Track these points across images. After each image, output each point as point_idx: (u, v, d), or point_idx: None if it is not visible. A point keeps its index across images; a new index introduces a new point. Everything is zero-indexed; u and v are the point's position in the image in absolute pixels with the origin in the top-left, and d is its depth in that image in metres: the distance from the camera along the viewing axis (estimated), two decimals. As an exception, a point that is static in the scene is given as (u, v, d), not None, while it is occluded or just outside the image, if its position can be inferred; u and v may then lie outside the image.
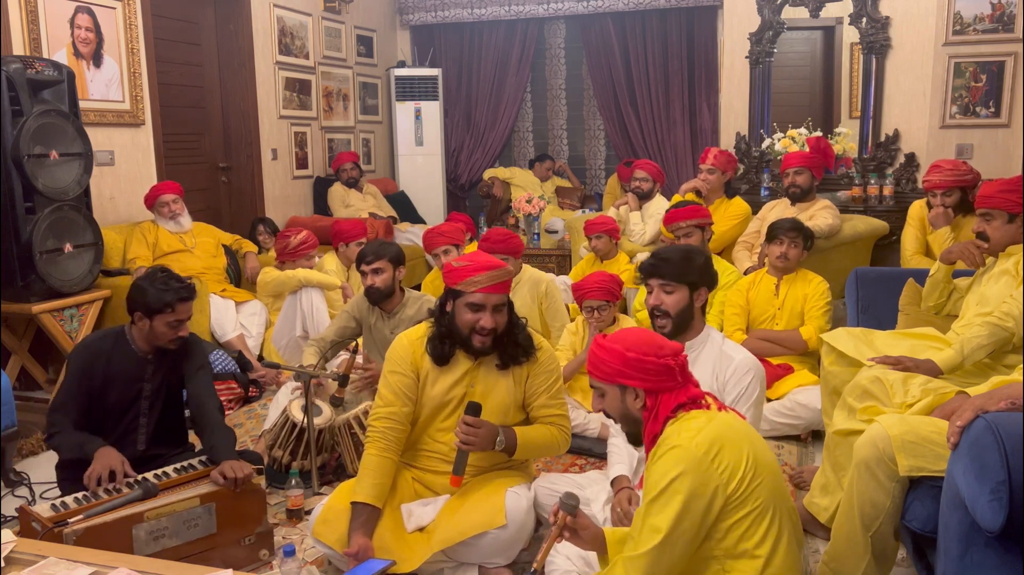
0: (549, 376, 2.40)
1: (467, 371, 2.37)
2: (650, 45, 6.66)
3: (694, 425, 1.66)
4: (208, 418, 2.57)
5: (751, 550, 1.64)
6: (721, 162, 4.72)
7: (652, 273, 2.41)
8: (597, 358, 1.77)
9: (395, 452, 2.37)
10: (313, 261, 4.41)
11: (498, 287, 2.28)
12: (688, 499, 1.59)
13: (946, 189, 3.69)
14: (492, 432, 2.27)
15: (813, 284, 3.60)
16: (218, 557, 2.32)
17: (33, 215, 3.53)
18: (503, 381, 2.37)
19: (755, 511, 1.63)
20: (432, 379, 2.39)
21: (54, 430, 2.51)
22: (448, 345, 2.35)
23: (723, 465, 1.62)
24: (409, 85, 7.03)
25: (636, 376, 1.72)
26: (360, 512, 2.25)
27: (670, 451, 1.64)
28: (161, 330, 2.55)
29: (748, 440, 1.68)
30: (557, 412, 2.41)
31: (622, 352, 1.72)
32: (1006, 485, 1.49)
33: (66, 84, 3.69)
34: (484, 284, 2.26)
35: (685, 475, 1.60)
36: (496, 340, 2.33)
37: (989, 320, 2.46)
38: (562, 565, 2.07)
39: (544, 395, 2.40)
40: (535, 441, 2.37)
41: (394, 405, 2.36)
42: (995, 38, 5.11)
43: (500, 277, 2.28)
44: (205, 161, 5.55)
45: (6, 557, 1.76)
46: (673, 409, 1.71)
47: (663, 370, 1.70)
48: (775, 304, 3.61)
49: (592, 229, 4.45)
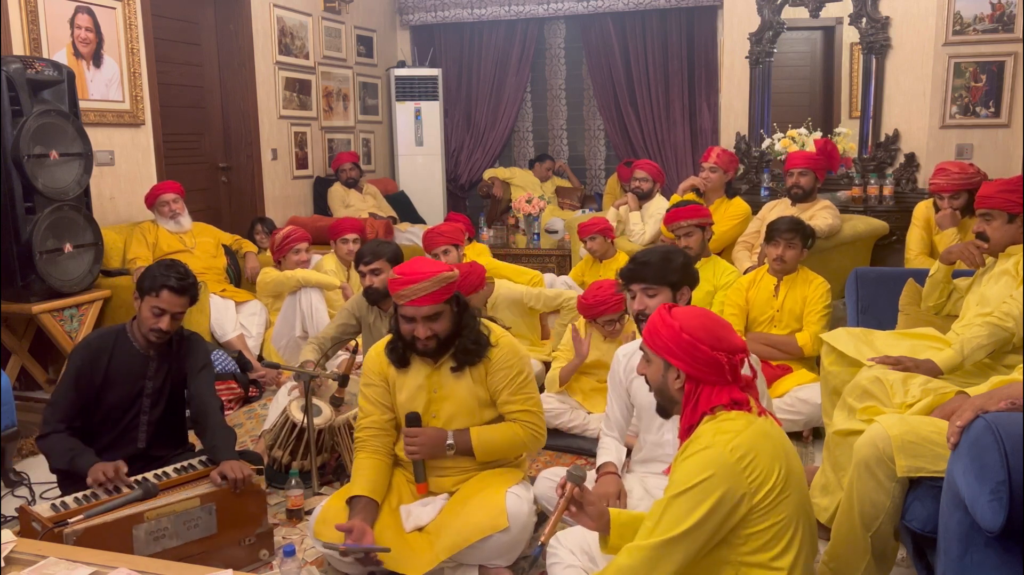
0: (509, 372, 2.37)
1: (428, 376, 2.39)
2: (650, 45, 6.66)
3: (731, 427, 1.62)
4: (209, 418, 2.57)
5: (768, 562, 1.61)
6: (723, 161, 4.72)
7: (633, 278, 2.39)
8: (654, 326, 1.74)
9: (385, 455, 2.41)
10: (303, 255, 4.40)
11: (425, 299, 2.25)
12: (714, 503, 1.56)
13: (953, 192, 3.68)
14: (437, 437, 2.31)
15: (813, 286, 3.56)
16: (218, 557, 2.32)
17: (33, 215, 3.53)
18: (463, 382, 2.38)
19: (779, 523, 1.60)
20: (399, 386, 2.42)
21: (46, 430, 2.50)
22: (402, 349, 2.38)
23: (754, 475, 1.58)
24: (409, 85, 7.03)
25: (684, 358, 1.67)
26: (356, 503, 2.28)
27: (703, 451, 1.60)
28: (145, 314, 2.54)
29: (783, 451, 1.64)
30: (521, 408, 2.39)
31: (678, 330, 1.68)
32: (1006, 485, 1.49)
33: (66, 84, 3.69)
34: (411, 297, 2.25)
35: (714, 479, 1.57)
36: (445, 344, 2.34)
37: (989, 320, 2.45)
38: (565, 558, 2.05)
39: (506, 391, 2.38)
40: (495, 442, 2.36)
41: (373, 414, 2.42)
42: (995, 38, 5.11)
43: (427, 289, 2.24)
44: (205, 161, 5.55)
45: (6, 557, 1.76)
46: (712, 407, 1.67)
47: (712, 362, 1.66)
48: (774, 305, 3.59)
49: (585, 231, 4.45)
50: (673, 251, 2.46)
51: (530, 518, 2.29)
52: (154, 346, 2.61)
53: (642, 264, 2.38)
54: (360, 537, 2.16)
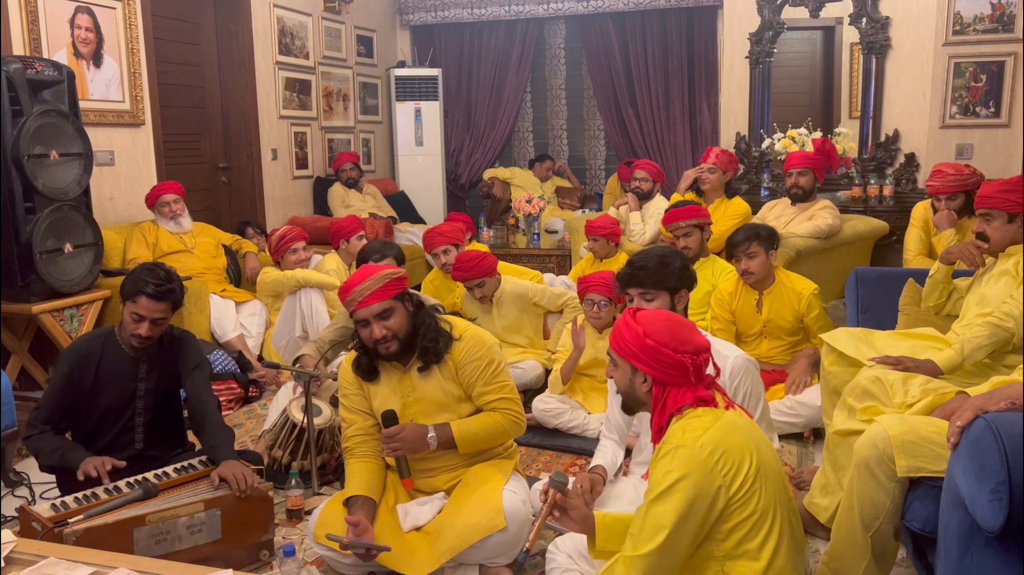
0: (479, 364, 2.36)
1: (399, 380, 2.40)
2: (650, 45, 6.66)
3: (699, 425, 1.65)
4: (207, 417, 2.56)
5: (752, 551, 1.64)
6: (723, 162, 4.72)
7: (630, 282, 2.37)
8: (619, 331, 1.76)
9: (375, 457, 2.42)
10: (301, 254, 4.39)
11: (372, 297, 2.26)
12: (691, 499, 1.59)
13: (950, 194, 3.68)
14: (416, 432, 2.30)
15: (801, 298, 3.37)
16: (218, 557, 2.32)
17: (33, 215, 3.53)
18: (433, 381, 2.38)
19: (757, 513, 1.63)
20: (374, 393, 2.42)
21: (32, 431, 2.50)
22: (367, 359, 2.39)
23: (727, 466, 1.61)
24: (409, 85, 7.03)
25: (649, 363, 1.70)
26: (354, 501, 2.30)
27: (675, 451, 1.63)
28: (126, 319, 2.52)
29: (753, 441, 1.68)
30: (498, 396, 2.38)
31: (641, 336, 1.70)
32: (1006, 485, 1.49)
33: (66, 84, 3.69)
34: (358, 300, 2.27)
35: (689, 476, 1.60)
36: (407, 345, 2.34)
37: (989, 320, 2.45)
38: (563, 563, 2.06)
39: (479, 383, 2.37)
40: (475, 432, 2.36)
41: (356, 422, 2.43)
42: (995, 38, 5.11)
43: (370, 288, 2.27)
44: (205, 161, 5.55)
45: (6, 557, 1.76)
46: (679, 407, 1.70)
47: (676, 365, 1.68)
48: (760, 320, 3.49)
49: (591, 231, 4.43)
50: (670, 254, 2.42)
51: (527, 515, 2.29)
52: (141, 349, 2.59)
53: (639, 268, 2.36)
54: (362, 533, 2.17)
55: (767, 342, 3.52)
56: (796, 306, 3.41)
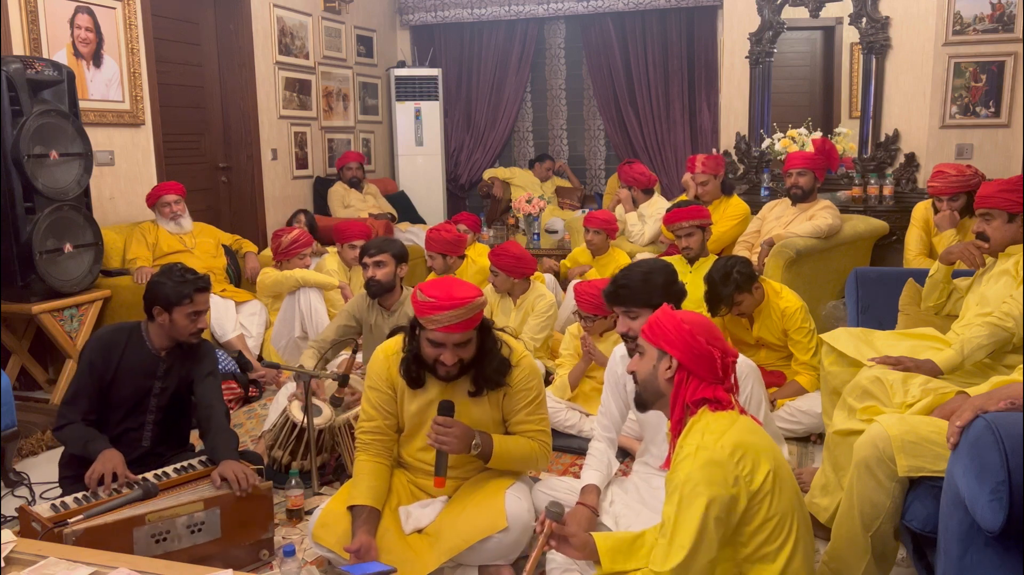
0: (528, 394, 2.33)
1: (441, 392, 2.33)
2: (650, 45, 6.66)
3: (717, 427, 1.68)
4: (213, 422, 2.57)
5: (770, 555, 1.67)
6: (710, 167, 4.68)
7: (613, 301, 2.37)
8: (656, 319, 1.82)
9: (386, 458, 2.39)
10: (307, 260, 4.40)
11: (459, 326, 2.16)
12: (714, 499, 1.61)
13: (952, 195, 3.68)
14: (467, 433, 2.24)
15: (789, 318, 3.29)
16: (218, 556, 2.32)
17: (33, 215, 3.53)
18: (479, 405, 2.33)
19: (777, 515, 1.66)
20: (408, 397, 2.37)
21: (63, 422, 2.52)
22: (417, 369, 2.31)
23: (747, 466, 1.64)
24: (409, 85, 7.03)
25: (680, 347, 1.75)
26: (360, 512, 2.25)
27: (695, 453, 1.66)
28: (182, 322, 2.56)
29: (769, 445, 1.72)
30: (536, 427, 2.36)
31: (679, 322, 1.77)
32: (1006, 485, 1.49)
33: (66, 84, 3.70)
34: (444, 324, 2.15)
35: (712, 476, 1.62)
36: (466, 368, 2.28)
37: (989, 320, 2.45)
38: (562, 563, 2.07)
39: (522, 412, 2.34)
40: (512, 451, 2.33)
41: (376, 419, 2.38)
42: (995, 38, 5.11)
43: (463, 316, 2.15)
44: (205, 161, 5.55)
45: (6, 557, 1.76)
46: (697, 400, 1.73)
47: (705, 355, 1.73)
48: (752, 336, 3.45)
49: (590, 222, 4.48)
50: (655, 270, 2.39)
51: (530, 517, 2.28)
52: (168, 347, 2.63)
53: (622, 287, 2.34)
54: (366, 554, 2.14)
55: (764, 351, 3.51)
56: (781, 323, 3.34)
